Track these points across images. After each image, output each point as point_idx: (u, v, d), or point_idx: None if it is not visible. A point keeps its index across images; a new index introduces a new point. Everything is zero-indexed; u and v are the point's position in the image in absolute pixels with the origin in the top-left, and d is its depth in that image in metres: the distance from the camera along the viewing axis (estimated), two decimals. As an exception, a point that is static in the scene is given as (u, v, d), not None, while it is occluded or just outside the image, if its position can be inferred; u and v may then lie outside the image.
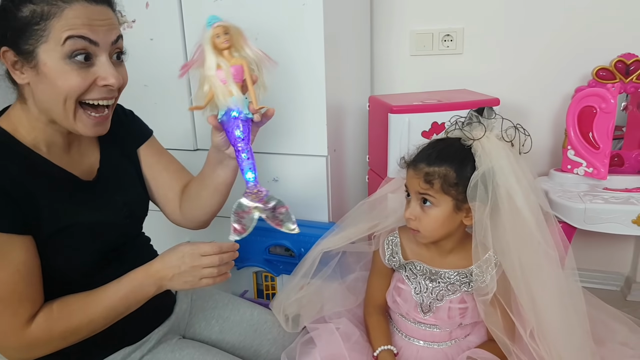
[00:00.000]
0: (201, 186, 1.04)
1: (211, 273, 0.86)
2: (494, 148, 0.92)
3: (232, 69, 0.76)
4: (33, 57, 0.78)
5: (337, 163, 1.48)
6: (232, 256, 0.89)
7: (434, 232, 0.96)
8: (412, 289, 1.04)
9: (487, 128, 0.94)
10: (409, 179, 0.98)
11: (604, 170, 1.38)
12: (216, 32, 0.74)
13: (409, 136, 1.31)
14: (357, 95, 1.66)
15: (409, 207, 0.97)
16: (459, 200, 0.93)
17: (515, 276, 0.91)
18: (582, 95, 1.38)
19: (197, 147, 1.54)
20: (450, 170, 0.92)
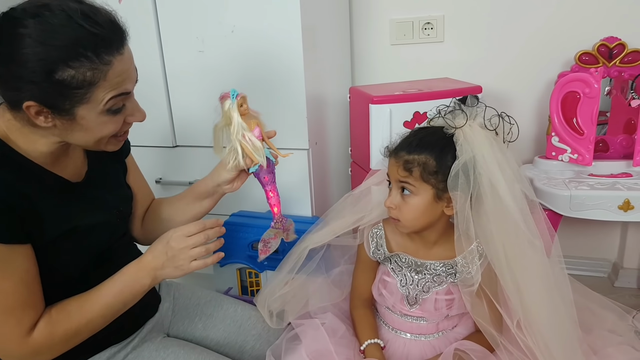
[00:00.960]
0: (176, 212, 1.09)
1: (199, 252, 0.87)
2: (476, 137, 0.92)
3: (257, 129, 0.97)
4: (69, 114, 0.78)
5: (319, 156, 1.48)
6: (217, 232, 0.90)
7: (414, 221, 0.97)
8: (398, 281, 1.05)
9: (470, 116, 0.94)
10: (389, 167, 0.98)
11: (589, 156, 1.39)
12: (240, 102, 0.94)
13: (391, 126, 1.31)
14: (338, 87, 1.66)
15: (389, 196, 0.98)
16: (439, 190, 0.93)
17: (500, 266, 0.92)
18: (565, 80, 1.39)
19: (176, 143, 1.53)
20: (430, 159, 0.92)
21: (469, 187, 0.90)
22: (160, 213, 1.11)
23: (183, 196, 1.11)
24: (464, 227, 0.92)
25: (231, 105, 0.94)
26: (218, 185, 1.04)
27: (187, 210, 1.09)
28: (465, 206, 0.91)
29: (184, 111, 1.49)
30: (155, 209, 1.13)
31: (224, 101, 0.95)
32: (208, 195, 1.08)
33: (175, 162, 1.54)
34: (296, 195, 1.42)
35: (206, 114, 1.42)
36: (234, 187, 1.06)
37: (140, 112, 0.88)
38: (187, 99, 1.46)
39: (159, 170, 1.56)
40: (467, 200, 0.91)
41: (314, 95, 1.41)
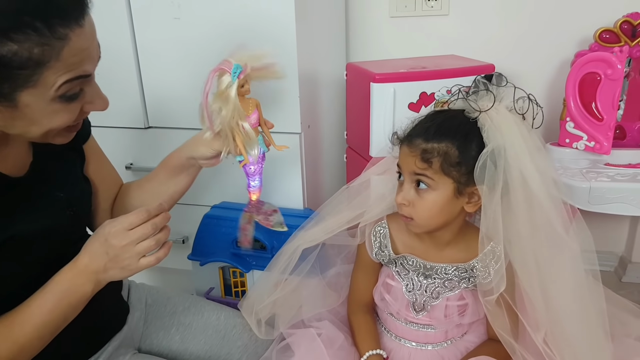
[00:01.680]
0: (149, 195, 0.96)
1: (148, 247, 0.74)
2: (504, 122, 0.82)
3: (255, 114, 0.88)
4: (9, 100, 0.63)
5: (311, 141, 1.36)
6: (165, 218, 0.77)
7: (430, 220, 0.86)
8: (404, 285, 0.95)
9: (497, 98, 0.82)
10: (402, 157, 0.87)
11: (608, 144, 1.30)
12: (242, 82, 0.83)
13: (394, 109, 1.19)
14: (332, 64, 1.54)
15: (401, 191, 0.86)
16: (461, 183, 0.83)
17: (527, 272, 0.82)
18: (584, 60, 1.29)
19: (149, 124, 1.39)
20: (452, 147, 0.81)
21: (498, 180, 0.79)
22: (131, 199, 0.99)
23: (154, 175, 0.98)
24: (491, 226, 0.82)
25: (230, 84, 0.82)
26: (192, 158, 0.93)
27: (162, 190, 0.97)
28: (493, 202, 0.80)
29: (157, 88, 1.35)
30: (124, 196, 1.00)
31: (221, 76, 0.83)
32: (183, 169, 0.95)
33: (148, 146, 1.40)
34: (286, 185, 1.31)
35: (183, 91, 1.33)
36: (212, 163, 0.94)
37: (102, 100, 0.74)
38: (161, 74, 1.33)
39: (129, 155, 1.43)
40: (496, 195, 0.80)
41: (307, 72, 1.29)
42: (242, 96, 0.85)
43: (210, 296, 1.23)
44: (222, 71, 0.83)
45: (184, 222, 1.40)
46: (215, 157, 0.92)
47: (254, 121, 0.89)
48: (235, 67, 0.82)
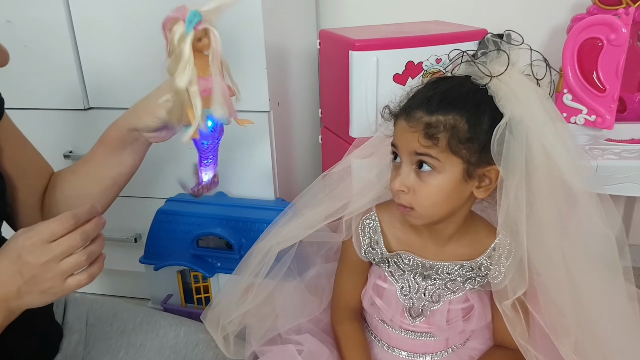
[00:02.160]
0: (88, 180, 0.80)
1: (77, 264, 0.59)
2: (521, 88, 0.68)
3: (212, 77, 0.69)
4: None
5: (282, 120, 1.21)
6: (98, 224, 0.61)
7: (434, 208, 0.72)
8: (398, 288, 0.82)
9: (510, 60, 0.68)
10: (399, 134, 0.72)
11: (611, 118, 1.19)
12: (199, 36, 0.66)
13: (378, 81, 1.04)
14: (301, 32, 1.38)
15: (398, 175, 0.72)
16: (471, 164, 0.69)
17: (552, 271, 0.70)
18: (583, 24, 1.16)
19: (89, 105, 1.22)
20: (461, 120, 0.67)
21: (520, 157, 0.66)
22: (64, 189, 0.82)
23: (91, 155, 0.82)
24: (513, 214, 0.69)
25: (184, 36, 0.64)
26: (135, 130, 0.77)
27: (101, 173, 0.80)
28: (515, 184, 0.67)
29: (97, 64, 1.18)
30: (55, 186, 0.83)
31: (173, 25, 0.66)
32: (125, 145, 0.79)
33: (89, 130, 1.21)
34: (254, 172, 1.15)
35: (128, 66, 1.14)
36: (162, 137, 0.78)
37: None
38: (102, 47, 1.16)
39: (67, 141, 1.25)
40: (517, 176, 0.67)
41: (274, 42, 1.14)
42: (200, 52, 0.67)
43: (169, 305, 1.07)
44: (172, 21, 0.66)
45: (136, 218, 1.23)
46: (165, 130, 0.76)
47: (220, 87, 0.70)
48: (192, 15, 0.65)
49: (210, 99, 0.69)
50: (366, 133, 1.06)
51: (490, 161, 0.69)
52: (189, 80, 0.65)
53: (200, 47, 0.66)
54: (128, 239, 1.27)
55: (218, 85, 0.67)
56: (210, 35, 0.66)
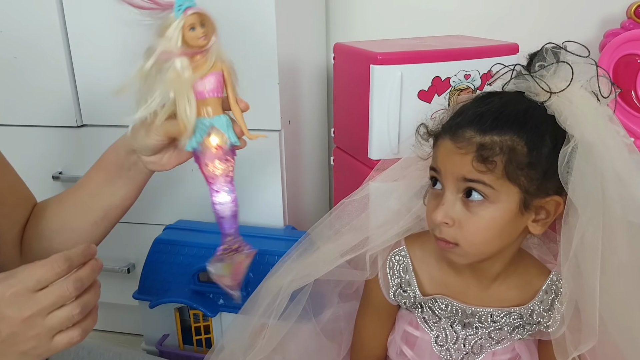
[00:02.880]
0: (76, 212, 0.71)
1: (68, 318, 0.50)
2: (587, 107, 0.59)
3: (212, 77, 0.58)
4: None
5: (293, 140, 1.11)
6: (94, 270, 0.53)
7: (483, 246, 0.62)
8: (433, 337, 0.71)
9: (575, 75, 0.59)
10: (443, 156, 0.62)
11: (651, 141, 1.10)
12: (191, 23, 0.55)
13: (401, 98, 0.95)
14: (312, 47, 1.30)
15: (441, 204, 0.61)
16: (529, 193, 0.59)
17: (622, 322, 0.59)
18: (620, 40, 1.10)
19: (83, 122, 1.13)
20: (520, 142, 0.58)
21: (596, 187, 0.57)
22: (48, 221, 0.72)
23: (83, 183, 0.71)
24: (585, 255, 0.58)
25: (173, 23, 0.55)
26: (133, 153, 0.66)
27: (91, 204, 0.70)
28: (593, 220, 0.57)
29: (93, 78, 1.09)
30: (39, 217, 0.72)
31: (162, 13, 0.56)
32: (121, 171, 0.68)
33: (81, 149, 1.14)
34: (263, 197, 1.05)
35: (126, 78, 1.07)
36: (162, 163, 0.67)
37: None
38: (98, 60, 1.08)
39: (58, 161, 1.15)
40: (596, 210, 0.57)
41: (287, 57, 1.06)
42: (194, 46, 0.56)
43: (165, 347, 0.96)
44: (162, 8, 0.56)
45: (129, 246, 1.14)
46: (167, 154, 0.66)
47: (210, 87, 0.58)
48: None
49: (210, 104, 0.58)
50: (387, 155, 0.96)
51: (549, 191, 0.59)
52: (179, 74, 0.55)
53: (192, 38, 0.55)
54: (120, 269, 1.16)
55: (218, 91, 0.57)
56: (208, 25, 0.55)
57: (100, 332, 1.35)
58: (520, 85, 0.62)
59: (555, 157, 0.58)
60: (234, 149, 0.61)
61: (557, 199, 0.59)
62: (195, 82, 0.56)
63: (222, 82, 0.58)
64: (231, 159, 0.61)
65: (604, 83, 0.62)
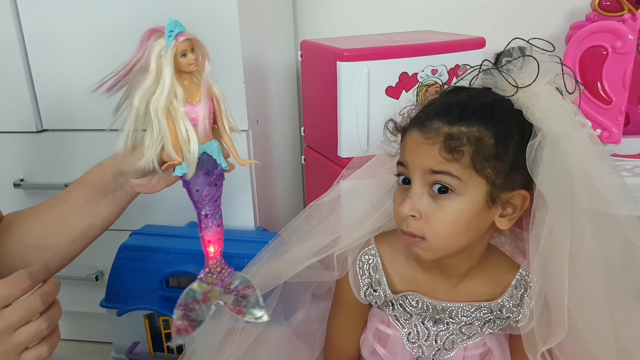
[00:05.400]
0: (54, 228, 0.70)
1: (37, 333, 0.51)
2: (552, 102, 0.60)
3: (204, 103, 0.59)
4: None
5: (262, 140, 1.10)
6: (56, 286, 0.54)
7: (450, 240, 0.62)
8: (404, 334, 0.72)
9: (540, 71, 0.60)
10: (411, 148, 0.62)
11: (618, 132, 1.13)
12: (182, 49, 0.56)
13: (369, 95, 0.95)
14: (279, 45, 1.29)
15: (408, 198, 0.61)
16: (496, 186, 0.59)
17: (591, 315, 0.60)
18: (586, 32, 1.10)
19: (43, 127, 1.10)
20: (487, 134, 0.58)
21: (564, 181, 0.58)
22: (22, 236, 0.70)
23: (63, 198, 0.71)
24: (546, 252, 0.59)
25: (164, 50, 0.55)
26: (121, 175, 0.68)
27: (71, 222, 0.70)
28: (562, 215, 0.58)
29: (52, 80, 1.06)
30: (10, 232, 0.71)
31: (154, 40, 0.57)
32: (107, 193, 0.69)
33: (43, 154, 1.11)
34: (232, 198, 1.04)
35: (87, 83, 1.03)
36: (151, 186, 0.68)
37: None
38: (57, 64, 1.05)
39: (18, 167, 1.12)
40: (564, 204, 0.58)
41: (252, 55, 1.05)
42: (188, 73, 0.58)
43: (135, 355, 0.95)
44: (154, 35, 0.57)
45: (96, 253, 1.08)
46: (154, 178, 0.67)
47: (203, 114, 0.60)
48: (171, 24, 0.55)
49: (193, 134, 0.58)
50: (357, 152, 0.96)
51: (515, 185, 0.60)
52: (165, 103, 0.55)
53: (183, 64, 0.56)
54: (88, 277, 1.14)
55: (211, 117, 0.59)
56: (198, 50, 0.57)
57: (71, 342, 1.33)
58: (487, 81, 0.63)
59: (522, 151, 0.59)
60: (223, 174, 0.64)
61: (523, 193, 0.60)
62: (188, 109, 0.57)
63: (213, 109, 0.60)
64: (220, 183, 0.64)
65: (569, 80, 0.63)
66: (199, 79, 0.59)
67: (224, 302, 0.66)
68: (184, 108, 0.57)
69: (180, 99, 0.56)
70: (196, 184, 0.61)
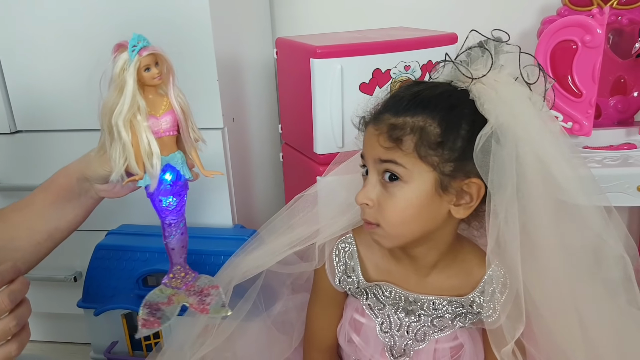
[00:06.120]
0: (20, 231, 0.72)
1: (6, 331, 0.52)
2: (509, 93, 0.61)
3: (168, 116, 0.63)
4: None
5: (238, 137, 1.12)
6: (24, 285, 0.54)
7: (402, 227, 0.64)
8: (378, 324, 0.73)
9: (495, 62, 0.62)
10: (366, 140, 0.65)
11: (589, 124, 1.16)
12: (146, 64, 0.59)
13: (343, 91, 0.97)
14: (256, 42, 1.31)
15: (363, 187, 0.64)
16: (445, 174, 0.61)
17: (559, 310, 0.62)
18: (556, 26, 1.13)
19: (17, 128, 1.10)
20: (432, 123, 0.60)
21: (510, 170, 0.59)
22: None
23: (30, 202, 0.73)
24: (504, 239, 0.61)
25: (127, 64, 0.58)
26: (86, 180, 0.70)
27: (36, 225, 0.72)
28: (505, 201, 0.59)
29: (25, 81, 1.06)
30: None
31: (119, 54, 0.59)
32: (72, 197, 0.71)
33: (17, 156, 1.11)
34: (208, 196, 1.05)
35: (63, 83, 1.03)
36: (115, 192, 0.71)
37: None
38: (30, 64, 1.05)
39: None
40: (508, 192, 0.59)
41: (226, 52, 1.06)
42: (152, 87, 0.60)
43: (113, 354, 0.95)
44: (119, 49, 0.59)
45: (74, 254, 1.10)
46: (119, 185, 0.68)
47: (166, 127, 0.62)
48: (134, 39, 0.57)
49: (165, 143, 0.62)
50: (332, 149, 0.98)
51: (469, 173, 0.61)
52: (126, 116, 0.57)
53: (147, 78, 0.59)
54: (66, 278, 1.14)
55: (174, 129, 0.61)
56: (162, 64, 0.60)
57: (52, 344, 1.33)
58: (450, 75, 0.65)
59: (474, 140, 0.60)
60: (187, 184, 0.67)
61: (477, 181, 0.61)
62: (152, 122, 0.60)
63: (177, 120, 0.63)
64: (184, 193, 0.66)
65: (534, 71, 0.65)
66: (165, 91, 0.61)
67: (190, 303, 0.69)
68: (147, 122, 0.59)
69: (143, 112, 0.59)
70: (159, 195, 0.63)
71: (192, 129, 0.64)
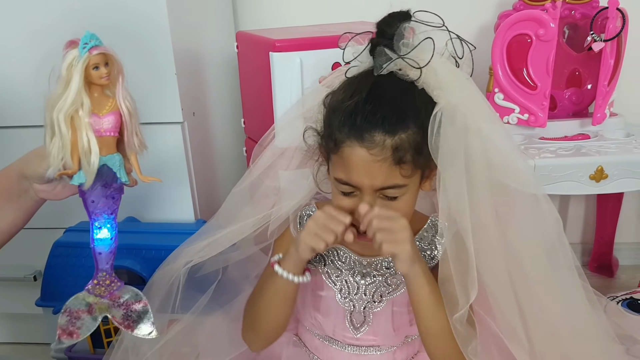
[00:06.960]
0: None
1: None
2: (450, 75, 0.65)
3: (111, 116, 0.62)
4: None
5: (199, 132, 1.12)
6: None
7: None
8: (337, 291, 0.76)
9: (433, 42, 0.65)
10: (358, 167, 0.63)
11: (543, 116, 1.21)
12: (94, 62, 0.59)
13: (303, 85, 0.97)
14: (217, 35, 1.30)
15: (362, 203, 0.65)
16: (427, 168, 0.67)
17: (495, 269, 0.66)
18: (511, 21, 1.17)
19: None
20: (419, 131, 0.63)
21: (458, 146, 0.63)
22: None
23: None
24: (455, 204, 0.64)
25: (76, 60, 0.58)
26: (25, 180, 0.68)
27: None
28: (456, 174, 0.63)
29: None
30: None
31: (69, 50, 0.59)
32: (11, 197, 0.69)
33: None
34: (170, 192, 1.05)
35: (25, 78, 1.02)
36: (55, 193, 0.69)
37: None
38: None
39: None
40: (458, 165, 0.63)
41: (184, 45, 1.06)
42: (99, 86, 0.60)
43: (74, 352, 0.95)
44: (70, 45, 0.59)
45: (33, 253, 1.09)
46: (59, 186, 0.68)
47: (107, 127, 0.62)
48: (87, 37, 0.58)
49: (105, 143, 0.62)
50: (293, 142, 0.98)
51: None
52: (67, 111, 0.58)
53: (95, 77, 0.59)
54: (26, 277, 1.12)
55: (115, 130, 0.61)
56: (113, 65, 0.60)
57: (13, 345, 1.31)
58: (390, 67, 0.65)
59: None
60: (122, 188, 0.66)
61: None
62: (94, 120, 0.60)
63: (119, 123, 0.62)
64: (118, 197, 0.66)
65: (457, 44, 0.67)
66: (113, 92, 0.62)
67: (112, 315, 0.68)
68: (89, 119, 0.59)
69: (87, 109, 0.59)
70: (92, 195, 0.63)
71: (136, 133, 0.64)
